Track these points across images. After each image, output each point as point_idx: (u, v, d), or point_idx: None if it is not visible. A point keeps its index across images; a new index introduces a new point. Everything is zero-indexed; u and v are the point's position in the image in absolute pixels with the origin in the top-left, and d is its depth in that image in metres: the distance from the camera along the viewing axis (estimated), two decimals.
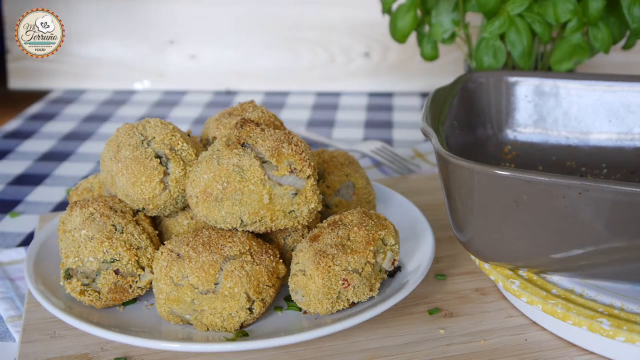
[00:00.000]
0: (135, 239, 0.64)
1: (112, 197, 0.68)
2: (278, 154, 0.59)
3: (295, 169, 0.60)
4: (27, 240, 0.83)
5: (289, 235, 0.66)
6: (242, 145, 0.60)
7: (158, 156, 0.64)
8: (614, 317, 0.58)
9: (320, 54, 1.33)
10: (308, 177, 0.60)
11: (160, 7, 1.33)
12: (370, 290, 0.62)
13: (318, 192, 0.61)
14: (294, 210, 0.60)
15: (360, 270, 0.61)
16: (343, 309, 0.62)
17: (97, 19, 1.33)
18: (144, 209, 0.65)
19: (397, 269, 0.67)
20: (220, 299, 0.59)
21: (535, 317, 0.65)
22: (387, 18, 1.05)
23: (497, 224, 0.60)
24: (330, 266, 0.60)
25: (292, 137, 0.61)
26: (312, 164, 0.61)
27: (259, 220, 0.59)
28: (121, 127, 0.67)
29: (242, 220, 0.59)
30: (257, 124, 0.64)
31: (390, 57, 1.32)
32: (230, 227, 0.60)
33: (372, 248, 0.62)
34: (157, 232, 0.67)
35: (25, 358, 0.60)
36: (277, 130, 0.63)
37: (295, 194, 0.60)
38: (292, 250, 0.65)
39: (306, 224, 0.62)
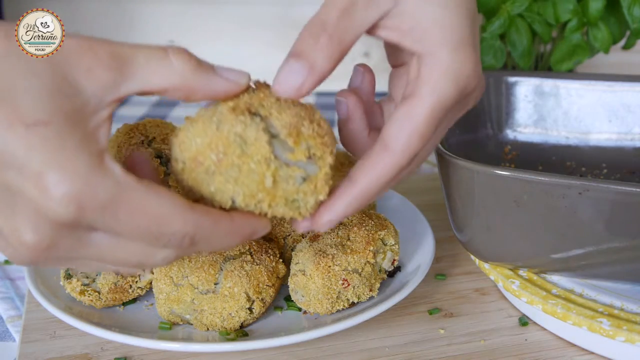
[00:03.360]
0: None
1: None
2: (297, 134, 0.47)
3: (314, 154, 0.48)
4: None
5: (289, 235, 0.66)
6: (253, 113, 0.48)
7: (158, 156, 0.64)
8: (614, 317, 0.58)
9: None
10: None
11: (160, 7, 1.33)
12: (370, 290, 0.62)
13: (330, 182, 0.50)
14: (297, 200, 0.48)
15: (360, 270, 0.61)
16: (343, 309, 0.62)
17: (97, 19, 1.33)
18: None
19: (397, 269, 0.67)
20: (220, 298, 0.59)
21: (535, 317, 0.65)
22: None
23: (497, 224, 0.60)
24: (330, 266, 0.60)
25: (315, 114, 0.50)
26: (334, 150, 0.50)
27: (254, 205, 0.48)
28: (121, 127, 0.67)
29: (233, 201, 0.47)
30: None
31: None
32: (217, 206, 0.48)
33: (372, 248, 0.62)
34: None
35: (25, 358, 0.60)
36: (296, 103, 0.50)
37: (304, 179, 0.48)
38: (292, 250, 0.65)
39: (308, 216, 0.50)
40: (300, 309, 0.64)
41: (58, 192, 0.39)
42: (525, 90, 0.81)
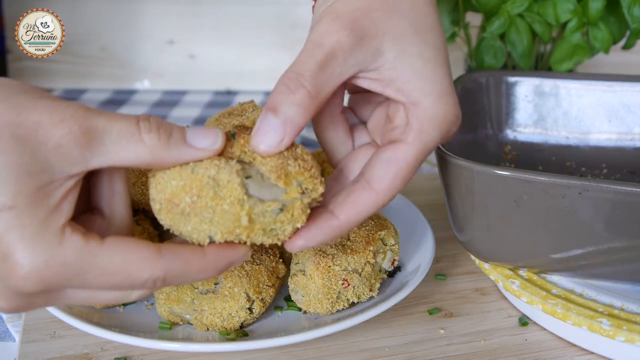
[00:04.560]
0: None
1: None
2: (285, 174, 0.49)
3: (307, 189, 0.49)
4: None
5: None
6: (238, 161, 0.49)
7: None
8: (614, 317, 0.58)
9: None
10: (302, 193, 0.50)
11: (160, 7, 1.33)
12: (370, 290, 0.62)
13: (308, 210, 0.50)
14: (275, 229, 0.50)
15: (360, 270, 0.61)
16: (343, 309, 0.62)
17: (97, 19, 1.33)
18: (144, 209, 0.65)
19: (397, 269, 0.67)
20: (220, 298, 0.59)
21: (535, 317, 0.65)
22: None
23: (497, 224, 0.60)
24: (330, 266, 0.60)
25: (296, 149, 0.50)
26: (323, 179, 0.51)
27: (232, 238, 0.49)
28: None
29: (210, 238, 0.49)
30: None
31: None
32: (196, 243, 0.49)
33: (372, 248, 0.62)
34: (157, 232, 0.67)
35: (25, 358, 0.60)
36: None
37: (281, 209, 0.49)
38: None
39: (286, 239, 0.52)
40: (300, 309, 0.64)
41: (23, 271, 0.42)
42: (525, 90, 0.81)
